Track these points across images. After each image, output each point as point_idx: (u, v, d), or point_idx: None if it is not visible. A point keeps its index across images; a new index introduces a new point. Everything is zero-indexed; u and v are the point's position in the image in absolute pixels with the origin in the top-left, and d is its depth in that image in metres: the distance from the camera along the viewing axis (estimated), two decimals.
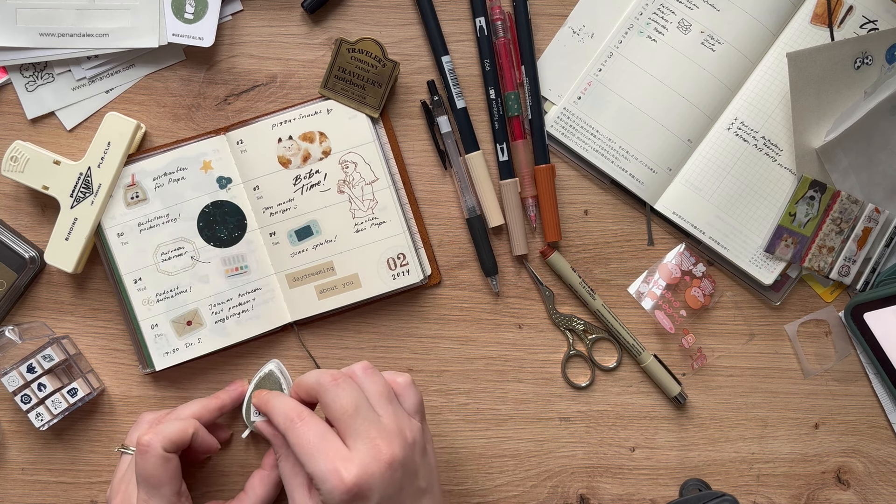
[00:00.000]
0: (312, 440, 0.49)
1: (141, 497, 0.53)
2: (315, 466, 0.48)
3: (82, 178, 0.59)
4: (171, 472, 0.53)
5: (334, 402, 0.49)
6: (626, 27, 0.62)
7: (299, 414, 0.50)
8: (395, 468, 0.48)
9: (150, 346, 0.61)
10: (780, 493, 0.64)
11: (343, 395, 0.49)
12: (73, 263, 0.60)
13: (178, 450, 0.54)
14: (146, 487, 0.52)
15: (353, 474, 0.47)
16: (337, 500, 0.47)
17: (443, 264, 0.63)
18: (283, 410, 0.51)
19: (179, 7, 0.60)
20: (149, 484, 0.52)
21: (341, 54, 0.60)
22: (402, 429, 0.50)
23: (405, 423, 0.50)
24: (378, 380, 0.51)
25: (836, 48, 0.60)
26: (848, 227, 0.62)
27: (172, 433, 0.53)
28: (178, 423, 0.54)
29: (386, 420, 0.49)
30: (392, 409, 0.50)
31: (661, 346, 0.64)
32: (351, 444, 0.48)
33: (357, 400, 0.49)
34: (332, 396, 0.49)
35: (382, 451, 0.48)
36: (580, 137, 0.63)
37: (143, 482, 0.52)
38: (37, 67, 0.61)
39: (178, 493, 0.54)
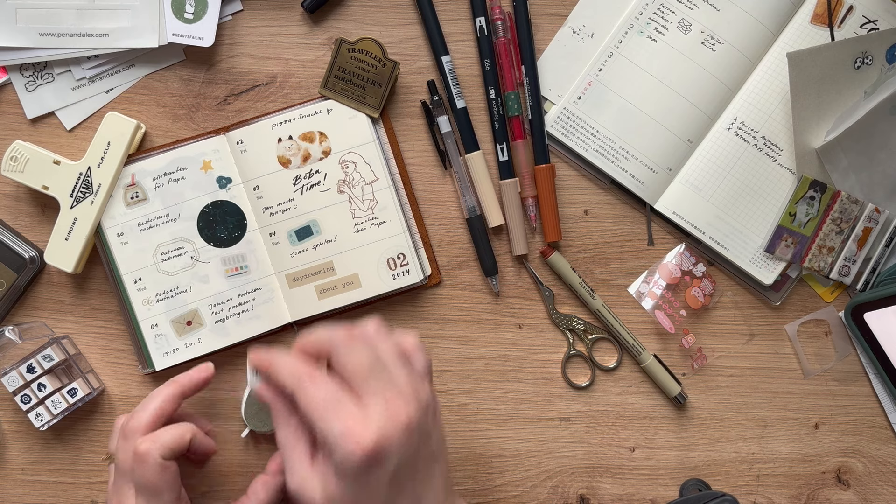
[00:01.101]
0: (327, 399, 0.45)
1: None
2: (330, 428, 0.45)
3: (82, 178, 0.59)
4: (170, 478, 0.52)
5: (349, 359, 0.47)
6: (626, 27, 0.62)
7: (309, 373, 0.47)
8: (412, 431, 0.46)
9: (150, 346, 0.61)
10: (780, 493, 0.64)
11: (358, 352, 0.47)
12: (73, 263, 0.60)
13: (176, 456, 0.53)
14: (146, 495, 0.52)
15: (372, 438, 0.44)
16: (354, 465, 0.44)
17: (443, 264, 0.63)
18: (291, 368, 0.48)
19: (179, 7, 0.60)
20: (148, 491, 0.52)
21: (341, 54, 0.60)
22: (416, 390, 0.47)
23: (419, 384, 0.48)
24: (391, 342, 0.49)
25: (837, 48, 0.60)
26: (848, 227, 0.62)
27: (170, 440, 0.52)
28: (176, 430, 0.53)
29: (401, 381, 0.47)
30: (406, 370, 0.48)
31: (661, 346, 0.64)
32: (366, 405, 0.45)
33: (372, 359, 0.47)
34: (346, 354, 0.47)
35: (400, 413, 0.45)
36: (580, 137, 0.63)
37: (143, 490, 0.52)
38: (37, 67, 0.61)
39: (177, 499, 0.53)
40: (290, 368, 0.48)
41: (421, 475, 0.48)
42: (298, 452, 0.48)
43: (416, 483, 0.47)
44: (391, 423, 0.45)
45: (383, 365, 0.47)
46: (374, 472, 0.45)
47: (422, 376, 0.49)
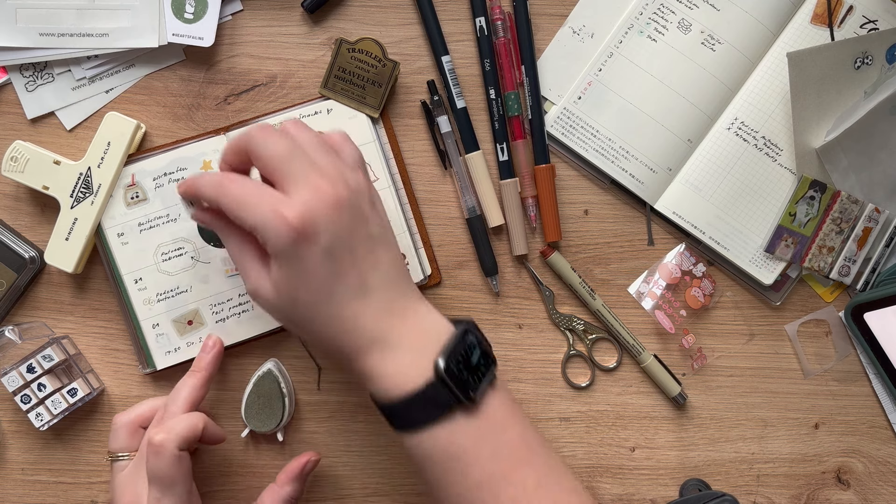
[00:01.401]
0: (246, 191, 0.46)
1: (153, 496, 0.52)
2: (254, 216, 0.45)
3: (82, 178, 0.59)
4: (184, 470, 0.52)
5: (266, 148, 0.46)
6: (626, 27, 0.62)
7: (227, 176, 0.47)
8: (341, 208, 0.46)
9: (152, 346, 0.61)
10: (780, 493, 0.64)
11: (275, 141, 0.46)
12: (74, 263, 0.60)
13: (191, 446, 0.53)
14: (159, 486, 0.52)
15: (297, 211, 0.44)
16: (284, 244, 0.44)
17: (443, 264, 0.63)
18: (210, 179, 0.47)
19: (179, 7, 0.60)
20: (162, 483, 0.52)
21: (341, 54, 0.60)
22: (343, 174, 0.47)
23: (346, 171, 0.47)
24: (312, 133, 0.48)
25: (837, 48, 0.60)
26: (848, 227, 0.62)
27: (185, 430, 0.52)
28: (188, 419, 0.53)
29: (324, 165, 0.47)
30: (331, 158, 0.47)
31: (661, 346, 0.64)
32: (289, 189, 0.45)
33: (290, 145, 0.46)
34: (262, 143, 0.46)
35: (325, 191, 0.45)
36: (580, 137, 0.63)
37: (156, 481, 0.52)
38: (37, 67, 0.61)
39: (189, 492, 0.53)
40: (210, 179, 0.47)
41: (361, 255, 0.47)
42: (247, 257, 0.48)
43: (357, 261, 0.47)
44: (316, 198, 0.45)
45: (303, 151, 0.47)
46: (305, 247, 0.45)
47: (351, 166, 0.49)
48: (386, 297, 0.48)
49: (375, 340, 0.47)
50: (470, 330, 0.49)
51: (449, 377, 0.46)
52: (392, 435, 0.63)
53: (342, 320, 0.47)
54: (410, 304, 0.49)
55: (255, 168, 0.49)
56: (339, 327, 0.47)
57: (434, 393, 0.46)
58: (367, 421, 0.63)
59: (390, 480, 0.63)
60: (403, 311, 0.48)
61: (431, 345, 0.47)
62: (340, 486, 0.63)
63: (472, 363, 0.47)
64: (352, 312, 0.47)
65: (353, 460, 0.63)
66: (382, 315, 0.48)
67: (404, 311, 0.48)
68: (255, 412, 0.60)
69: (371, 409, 0.63)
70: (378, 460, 0.63)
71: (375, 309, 0.47)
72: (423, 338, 0.48)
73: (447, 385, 0.46)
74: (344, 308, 0.47)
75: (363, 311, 0.47)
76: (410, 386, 0.46)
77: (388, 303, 0.48)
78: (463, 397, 0.46)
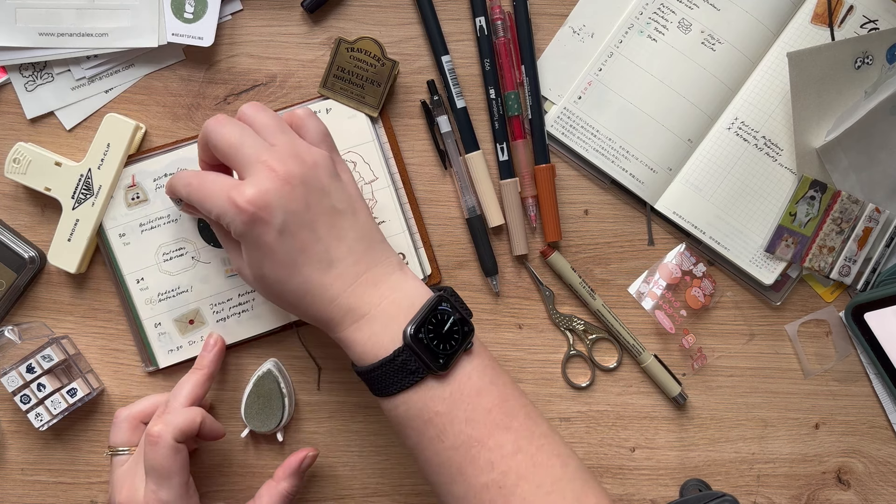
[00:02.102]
0: (206, 183, 0.49)
1: (150, 488, 0.52)
2: (213, 205, 0.48)
3: (83, 179, 0.59)
4: (181, 462, 0.53)
5: (218, 138, 0.49)
6: (626, 27, 0.62)
7: (197, 174, 0.50)
8: (293, 184, 0.47)
9: (154, 345, 0.61)
10: (780, 493, 0.64)
11: (225, 129, 0.49)
12: (76, 264, 0.60)
13: (188, 439, 0.54)
14: (156, 478, 0.52)
15: (247, 195, 0.46)
16: (240, 227, 0.47)
17: (443, 264, 0.63)
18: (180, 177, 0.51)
19: (179, 7, 0.60)
20: (159, 475, 0.52)
21: (340, 54, 0.60)
22: (298, 152, 0.49)
23: (302, 148, 0.49)
24: (268, 114, 0.50)
25: (837, 48, 0.60)
26: (848, 227, 0.62)
27: (183, 423, 0.53)
28: (187, 413, 0.54)
29: (278, 146, 0.48)
30: (286, 137, 0.49)
31: (662, 346, 0.64)
32: (244, 173, 0.48)
33: (241, 131, 0.49)
34: (215, 134, 0.49)
35: (276, 170, 0.47)
36: (580, 137, 0.63)
37: (153, 473, 0.52)
38: (36, 67, 0.61)
39: (186, 484, 0.53)
40: (183, 178, 0.51)
41: (323, 227, 0.49)
42: (229, 243, 0.52)
43: (320, 235, 0.48)
44: (266, 179, 0.47)
45: (253, 134, 0.49)
46: (260, 227, 0.47)
47: (312, 142, 0.51)
48: (354, 268, 0.49)
49: (348, 310, 0.49)
50: (445, 297, 0.50)
51: (416, 345, 0.47)
52: (392, 435, 0.63)
53: (311, 293, 0.49)
54: (383, 273, 0.50)
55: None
56: (311, 300, 0.49)
57: (403, 361, 0.48)
58: (367, 421, 0.63)
59: (390, 480, 0.63)
60: (375, 280, 0.50)
61: (403, 313, 0.49)
62: (340, 486, 0.63)
63: (443, 331, 0.49)
64: (319, 284, 0.49)
65: (353, 460, 0.63)
66: (351, 285, 0.49)
67: (376, 281, 0.50)
68: (254, 412, 0.60)
69: (371, 409, 0.63)
70: (378, 460, 0.63)
71: (343, 280, 0.49)
72: (394, 306, 0.49)
73: (415, 352, 0.47)
74: (311, 281, 0.49)
75: (331, 283, 0.49)
76: (383, 353, 0.48)
77: (357, 274, 0.49)
78: (432, 364, 0.48)
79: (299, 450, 0.59)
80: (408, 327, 0.48)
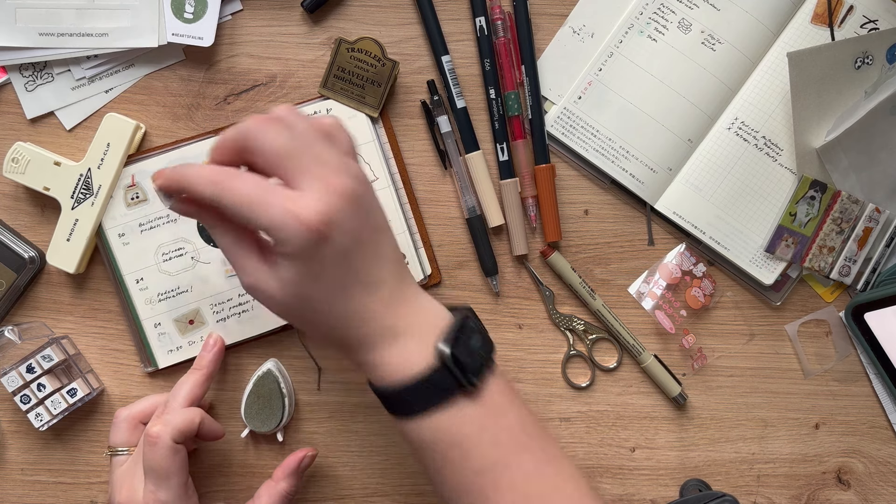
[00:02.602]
0: (255, 190, 0.42)
1: (148, 489, 0.52)
2: (266, 216, 0.42)
3: (82, 179, 0.59)
4: (180, 462, 0.52)
5: (266, 143, 0.43)
6: (626, 27, 0.62)
7: (225, 171, 0.43)
8: (352, 200, 0.44)
9: (154, 345, 0.61)
10: (780, 493, 0.64)
11: (275, 133, 0.44)
12: (76, 264, 0.60)
13: (187, 440, 0.53)
14: (154, 479, 0.52)
15: (313, 210, 0.42)
16: (301, 245, 0.42)
17: (443, 264, 0.63)
18: (206, 175, 0.43)
19: (179, 7, 0.60)
20: (157, 475, 0.52)
21: (340, 54, 0.60)
22: (346, 164, 0.45)
23: (346, 160, 0.45)
24: (306, 119, 0.46)
25: (837, 48, 0.60)
26: (848, 227, 0.62)
27: (181, 423, 0.53)
28: (185, 413, 0.54)
29: (328, 156, 0.44)
30: (331, 146, 0.45)
31: (662, 346, 0.64)
32: (297, 185, 0.43)
33: (291, 137, 0.44)
34: (262, 138, 0.43)
35: (338, 185, 0.43)
36: (580, 137, 0.63)
37: (152, 473, 0.52)
38: (36, 67, 0.61)
39: (185, 485, 0.53)
40: (206, 175, 0.43)
41: (370, 247, 0.46)
42: (244, 251, 0.45)
43: (367, 255, 0.46)
44: (332, 195, 0.43)
45: (305, 142, 0.44)
46: (322, 248, 0.43)
47: (347, 153, 0.47)
48: (392, 286, 0.47)
49: (385, 330, 0.46)
50: (469, 316, 0.49)
51: (451, 362, 0.45)
52: (392, 435, 0.63)
53: (354, 315, 0.46)
54: (412, 291, 0.48)
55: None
56: (350, 322, 0.46)
57: (437, 378, 0.45)
58: (367, 421, 0.63)
59: (390, 480, 0.63)
60: (407, 299, 0.47)
61: (433, 331, 0.46)
62: (340, 486, 0.63)
63: (472, 348, 0.47)
64: (363, 306, 0.46)
65: (353, 460, 0.63)
66: (391, 305, 0.47)
67: (407, 299, 0.48)
68: (254, 412, 0.60)
69: (371, 409, 0.63)
70: (378, 460, 0.63)
71: (385, 300, 0.46)
72: (426, 324, 0.47)
73: (450, 370, 0.45)
74: (356, 303, 0.46)
75: (374, 304, 0.46)
76: (413, 372, 0.45)
77: (395, 292, 0.47)
78: (466, 382, 0.46)
79: (298, 450, 0.59)
80: (442, 344, 0.45)
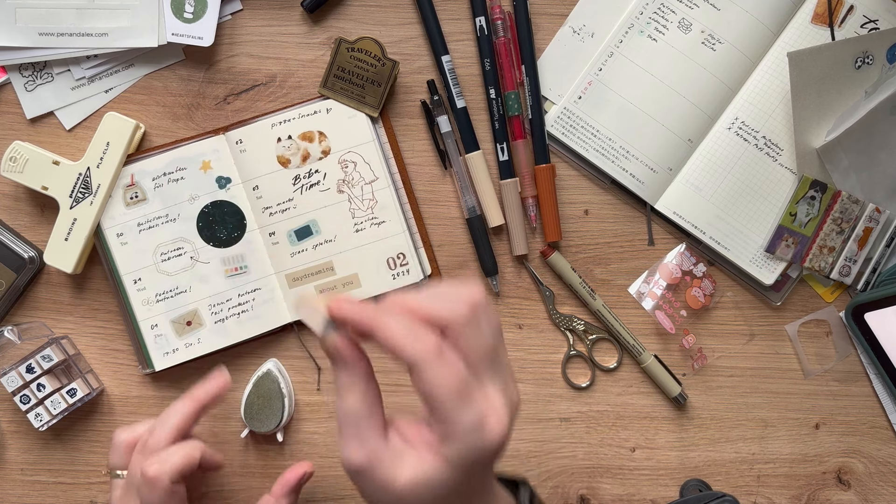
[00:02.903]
0: (458, 383, 0.38)
1: None
2: (462, 415, 0.38)
3: (81, 178, 0.59)
4: (179, 500, 0.51)
5: (475, 342, 0.40)
6: (626, 27, 0.62)
7: (438, 347, 0.38)
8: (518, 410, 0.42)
9: (150, 347, 0.61)
10: (780, 493, 0.64)
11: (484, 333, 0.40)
12: (73, 264, 0.59)
13: (186, 476, 0.52)
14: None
15: (505, 426, 0.39)
16: (484, 456, 0.39)
17: (443, 264, 0.63)
18: (415, 338, 0.38)
19: (179, 7, 0.60)
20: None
21: (340, 54, 0.60)
22: (511, 369, 0.43)
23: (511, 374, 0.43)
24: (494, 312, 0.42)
25: (837, 48, 0.60)
26: (849, 227, 0.62)
27: (179, 462, 0.51)
28: (183, 451, 0.52)
29: (507, 360, 0.42)
30: (503, 346, 0.42)
31: (662, 346, 0.64)
32: (489, 391, 0.40)
33: (493, 340, 0.41)
34: (472, 335, 0.40)
35: (515, 399, 0.41)
36: (580, 137, 0.62)
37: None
38: (36, 67, 0.61)
39: None
40: (414, 337, 0.38)
41: None
42: (373, 424, 0.40)
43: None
44: (512, 411, 0.41)
45: (497, 346, 0.41)
46: (491, 460, 0.40)
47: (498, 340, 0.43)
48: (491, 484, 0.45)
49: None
50: (533, 493, 0.48)
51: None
52: None
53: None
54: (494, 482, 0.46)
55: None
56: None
57: None
58: None
59: None
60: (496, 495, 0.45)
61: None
62: (340, 486, 0.63)
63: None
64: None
65: None
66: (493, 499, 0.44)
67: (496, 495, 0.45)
68: (254, 412, 0.60)
69: None
70: None
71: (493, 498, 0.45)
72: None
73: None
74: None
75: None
76: None
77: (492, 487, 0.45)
78: None
79: (297, 465, 0.58)
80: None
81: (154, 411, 0.63)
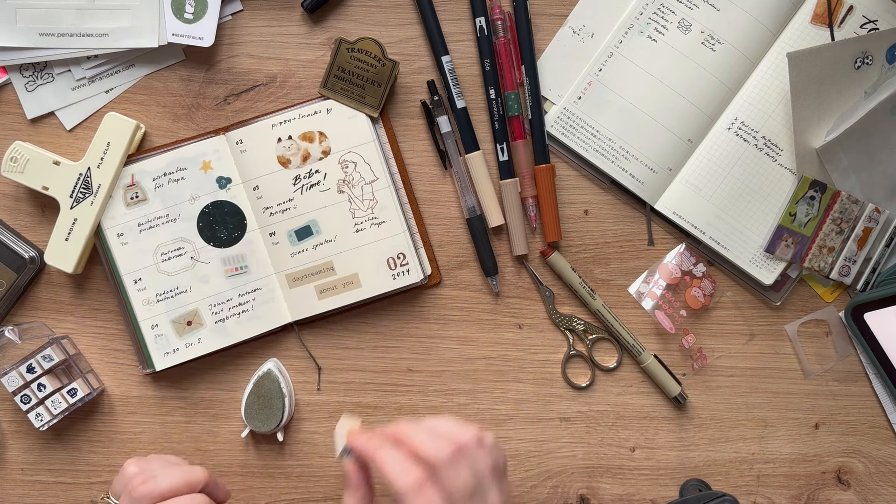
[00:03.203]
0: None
1: None
2: None
3: (82, 178, 0.59)
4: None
5: (454, 482, 0.46)
6: (626, 27, 0.62)
7: (421, 482, 0.45)
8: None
9: (151, 347, 0.61)
10: (780, 493, 0.64)
11: (463, 474, 0.46)
12: (73, 264, 0.59)
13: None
14: None
15: None
16: None
17: (443, 264, 0.63)
18: (406, 473, 0.46)
19: (179, 7, 0.60)
20: None
21: (341, 54, 0.60)
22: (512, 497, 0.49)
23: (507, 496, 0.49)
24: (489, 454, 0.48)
25: (837, 48, 0.60)
26: (848, 227, 0.62)
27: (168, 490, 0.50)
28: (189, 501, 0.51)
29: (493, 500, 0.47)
30: (498, 487, 0.48)
31: (662, 346, 0.64)
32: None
33: (474, 481, 0.46)
34: (451, 475, 0.46)
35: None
36: (580, 137, 0.63)
37: None
38: (36, 67, 0.61)
39: None
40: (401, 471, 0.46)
41: None
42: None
43: None
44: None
45: (480, 486, 0.47)
46: None
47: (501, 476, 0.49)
48: None
49: None
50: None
51: None
52: None
53: None
54: None
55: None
56: None
57: None
58: (368, 421, 0.63)
59: None
60: None
61: None
62: (340, 486, 0.63)
63: None
64: None
65: None
66: None
67: None
68: (255, 412, 0.60)
69: (371, 409, 0.63)
70: None
71: None
72: None
73: None
74: None
75: None
76: None
77: None
78: None
79: None
80: None
81: (154, 411, 0.63)
